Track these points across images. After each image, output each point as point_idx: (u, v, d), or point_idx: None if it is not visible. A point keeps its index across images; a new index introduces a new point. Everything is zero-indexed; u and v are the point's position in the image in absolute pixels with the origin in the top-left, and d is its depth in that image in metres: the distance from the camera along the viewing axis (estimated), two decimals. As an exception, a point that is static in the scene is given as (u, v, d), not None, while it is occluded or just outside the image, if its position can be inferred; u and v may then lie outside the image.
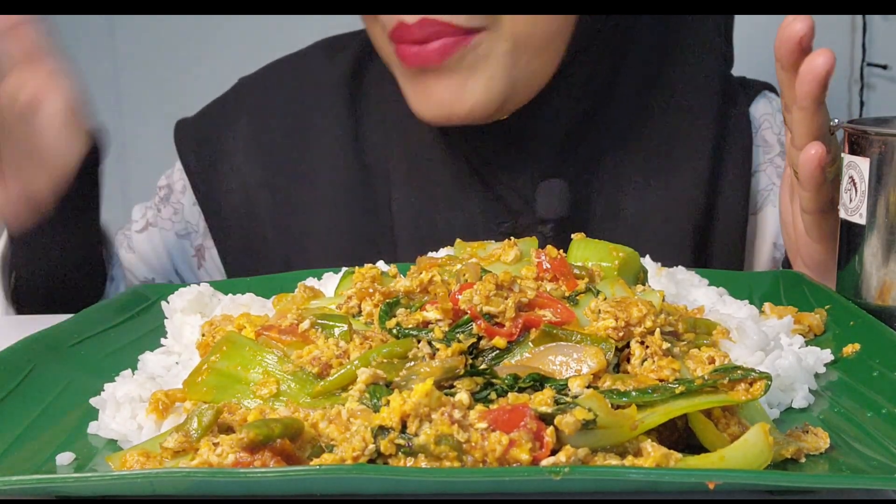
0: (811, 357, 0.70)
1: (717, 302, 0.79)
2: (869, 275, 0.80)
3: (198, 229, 1.16)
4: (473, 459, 0.51)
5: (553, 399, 0.55)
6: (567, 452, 0.51)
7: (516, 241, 0.76)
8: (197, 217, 1.15)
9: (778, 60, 0.81)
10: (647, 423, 0.54)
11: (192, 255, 1.17)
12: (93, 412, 0.66)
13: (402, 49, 0.96)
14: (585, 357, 0.59)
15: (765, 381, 0.56)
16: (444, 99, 0.97)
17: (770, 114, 1.14)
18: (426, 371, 0.58)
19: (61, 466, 0.59)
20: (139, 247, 1.16)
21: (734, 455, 0.52)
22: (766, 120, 1.14)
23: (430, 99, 0.98)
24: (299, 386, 0.60)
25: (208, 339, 0.70)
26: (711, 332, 0.68)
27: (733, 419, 0.58)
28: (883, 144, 0.77)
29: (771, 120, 1.13)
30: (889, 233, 0.78)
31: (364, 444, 0.52)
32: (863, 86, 1.56)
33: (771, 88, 1.18)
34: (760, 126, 1.13)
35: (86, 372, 0.72)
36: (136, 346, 0.79)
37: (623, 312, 0.62)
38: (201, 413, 0.56)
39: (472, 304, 0.62)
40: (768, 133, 1.13)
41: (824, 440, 0.58)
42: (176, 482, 0.50)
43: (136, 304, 0.87)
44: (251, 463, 0.51)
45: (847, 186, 0.81)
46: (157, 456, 0.56)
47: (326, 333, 0.64)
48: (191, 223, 1.16)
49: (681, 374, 0.59)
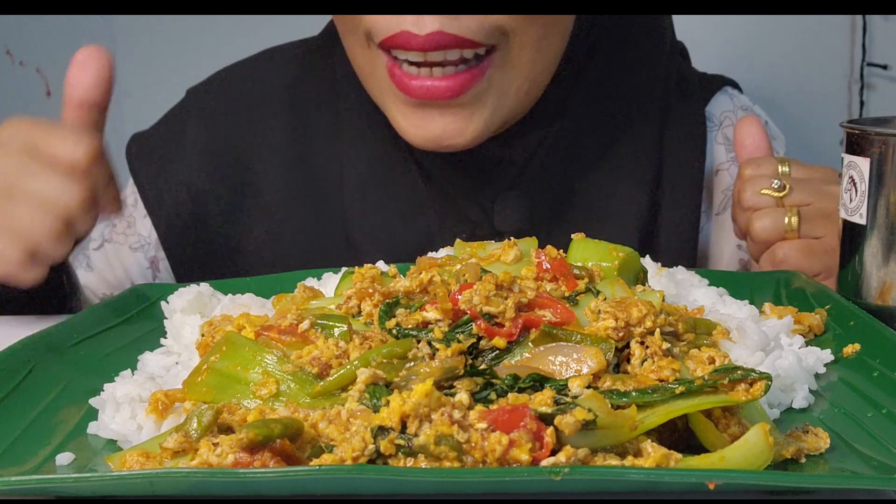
0: (811, 357, 0.70)
1: (717, 302, 0.79)
2: (869, 275, 0.80)
3: (150, 241, 1.15)
4: (473, 459, 0.51)
5: (553, 399, 0.55)
6: (567, 453, 0.51)
7: (516, 241, 0.76)
8: (149, 229, 1.14)
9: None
10: (647, 424, 0.54)
11: (146, 266, 1.16)
12: (92, 412, 0.66)
13: (404, 79, 0.91)
14: (585, 357, 0.59)
15: (765, 382, 0.56)
16: (446, 132, 0.94)
17: (731, 111, 1.13)
18: (426, 371, 0.58)
19: (61, 466, 0.59)
20: (97, 264, 1.16)
21: (734, 455, 0.52)
22: (728, 117, 1.12)
23: (428, 129, 0.94)
24: (299, 386, 0.60)
25: (208, 340, 0.70)
26: (711, 332, 0.68)
27: (733, 419, 0.58)
28: (883, 144, 0.77)
29: (732, 117, 1.12)
30: (889, 233, 0.78)
31: (364, 445, 0.52)
32: (863, 86, 1.56)
33: (734, 85, 1.17)
34: (721, 123, 1.12)
35: (85, 372, 0.72)
36: (135, 346, 0.79)
37: (623, 313, 0.62)
38: (201, 413, 0.56)
39: (472, 305, 0.62)
40: (730, 130, 1.11)
41: (824, 440, 0.58)
42: (176, 482, 0.50)
43: (135, 305, 0.87)
44: (251, 463, 0.51)
45: (847, 186, 0.81)
46: (156, 456, 0.56)
47: (326, 333, 0.63)
48: (143, 235, 1.15)
49: (681, 375, 0.59)
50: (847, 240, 0.82)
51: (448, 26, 0.88)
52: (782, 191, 0.94)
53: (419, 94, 0.92)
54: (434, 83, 0.91)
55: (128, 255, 1.15)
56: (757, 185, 0.96)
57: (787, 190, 0.94)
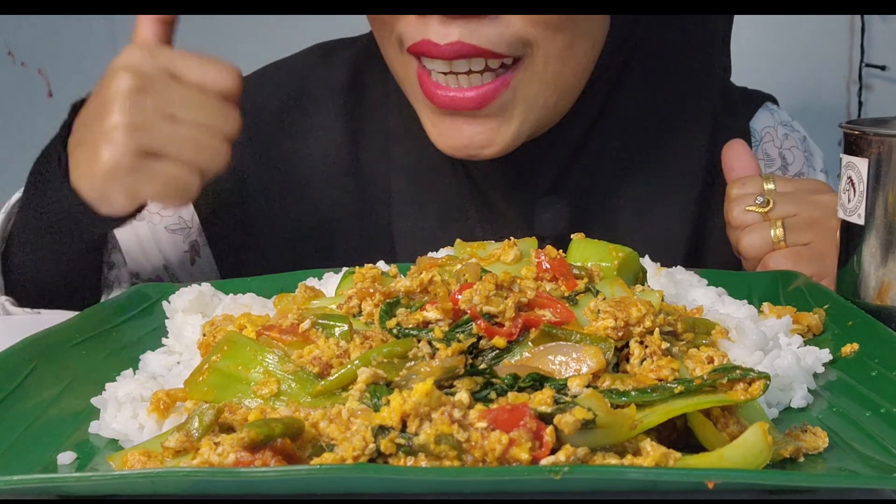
0: (810, 357, 0.70)
1: (715, 302, 0.80)
2: (867, 275, 0.80)
3: (192, 225, 1.15)
4: (473, 459, 0.51)
5: (553, 398, 0.55)
6: (567, 452, 0.51)
7: (516, 241, 0.76)
8: (191, 213, 1.15)
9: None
10: (647, 423, 0.54)
11: (185, 250, 1.16)
12: (94, 412, 0.66)
13: (431, 87, 0.93)
14: (585, 357, 0.59)
15: (763, 381, 0.57)
16: (474, 142, 0.95)
17: (772, 127, 1.15)
18: (426, 371, 0.58)
19: (62, 466, 0.59)
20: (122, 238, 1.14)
21: (733, 454, 0.53)
22: (768, 133, 1.15)
23: (455, 138, 0.96)
24: (300, 385, 0.60)
25: (209, 339, 0.71)
26: (710, 331, 0.69)
27: (732, 419, 0.58)
28: (881, 145, 0.77)
29: (773, 133, 1.14)
30: (887, 233, 0.78)
31: (364, 444, 0.52)
32: (861, 86, 1.56)
33: (773, 100, 1.19)
34: (762, 139, 1.14)
35: (87, 371, 0.72)
36: (137, 345, 0.79)
37: (622, 312, 0.62)
38: (202, 412, 0.56)
39: (472, 304, 0.62)
40: (770, 146, 1.14)
41: (823, 440, 0.58)
42: (177, 482, 0.50)
43: (137, 304, 0.87)
44: (252, 462, 0.51)
45: (845, 187, 0.81)
46: (158, 455, 0.56)
47: (327, 333, 0.64)
48: (184, 219, 1.15)
49: (680, 374, 0.60)
50: (845, 240, 0.82)
51: (468, 37, 0.89)
52: (766, 206, 0.96)
53: (445, 103, 0.93)
54: (459, 94, 0.92)
55: (164, 236, 1.15)
56: (742, 203, 0.97)
57: (771, 205, 0.96)
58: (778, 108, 1.19)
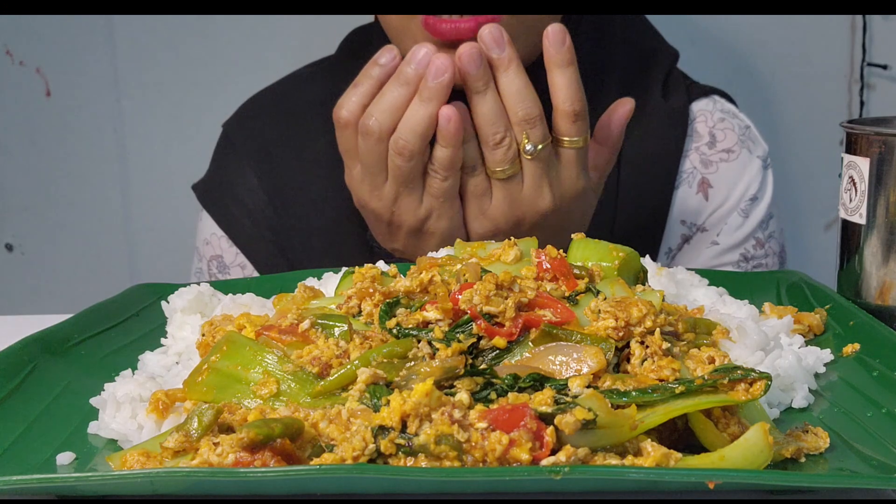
0: (811, 357, 0.70)
1: (716, 302, 0.80)
2: (869, 275, 0.80)
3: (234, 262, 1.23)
4: (473, 459, 0.51)
5: (553, 399, 0.55)
6: (567, 452, 0.51)
7: (516, 241, 0.76)
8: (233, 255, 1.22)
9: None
10: (647, 423, 0.54)
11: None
12: (93, 412, 0.66)
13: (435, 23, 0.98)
14: (585, 357, 0.59)
15: (765, 381, 0.56)
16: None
17: (709, 111, 1.21)
18: (426, 371, 0.58)
19: (61, 466, 0.59)
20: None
21: (734, 455, 0.52)
22: (703, 114, 1.21)
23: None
24: (299, 386, 0.60)
25: (208, 339, 0.70)
26: (711, 331, 0.68)
27: (733, 419, 0.58)
28: (883, 144, 0.77)
29: (707, 115, 1.20)
30: (889, 232, 0.78)
31: (364, 444, 0.52)
32: (863, 86, 1.56)
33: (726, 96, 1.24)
34: (695, 119, 1.20)
35: (86, 372, 0.72)
36: (136, 345, 0.79)
37: (623, 312, 0.62)
38: (201, 413, 0.56)
39: (472, 304, 0.62)
40: (701, 126, 1.20)
41: (824, 440, 0.58)
42: (176, 482, 0.50)
43: (136, 304, 0.87)
44: (251, 463, 0.51)
45: (847, 186, 0.81)
46: (157, 455, 0.56)
47: (326, 333, 0.64)
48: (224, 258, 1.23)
49: (681, 374, 0.60)
50: (846, 239, 0.82)
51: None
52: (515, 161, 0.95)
53: (449, 34, 0.98)
54: (461, 24, 0.98)
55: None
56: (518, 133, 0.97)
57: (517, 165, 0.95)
58: (727, 101, 1.23)
